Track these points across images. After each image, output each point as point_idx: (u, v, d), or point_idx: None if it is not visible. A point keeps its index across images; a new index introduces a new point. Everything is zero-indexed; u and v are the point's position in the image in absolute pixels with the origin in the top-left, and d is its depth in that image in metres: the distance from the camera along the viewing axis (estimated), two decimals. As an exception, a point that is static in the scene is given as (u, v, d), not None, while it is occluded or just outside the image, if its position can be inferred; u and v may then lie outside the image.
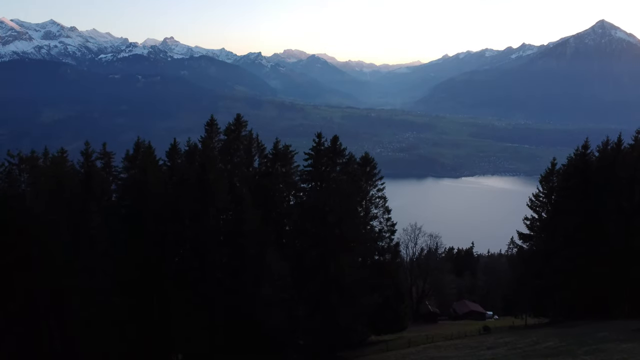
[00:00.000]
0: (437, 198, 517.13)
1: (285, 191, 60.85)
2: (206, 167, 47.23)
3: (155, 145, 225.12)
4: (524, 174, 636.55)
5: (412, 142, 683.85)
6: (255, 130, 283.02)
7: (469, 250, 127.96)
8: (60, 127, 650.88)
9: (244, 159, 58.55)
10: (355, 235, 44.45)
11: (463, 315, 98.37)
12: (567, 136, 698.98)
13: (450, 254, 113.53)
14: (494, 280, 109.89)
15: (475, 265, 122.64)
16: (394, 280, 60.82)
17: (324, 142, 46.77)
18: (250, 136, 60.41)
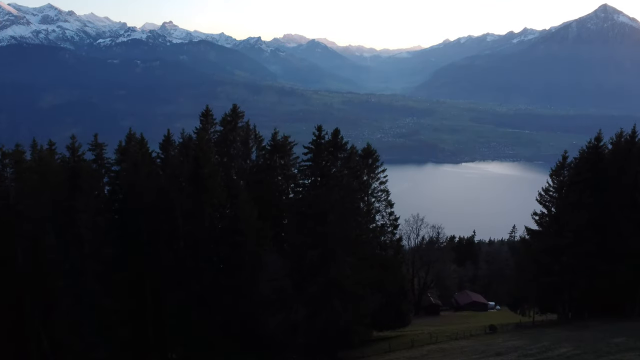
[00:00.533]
0: (437, 184, 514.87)
1: (284, 184, 58.46)
2: (200, 161, 44.64)
3: (155, 131, 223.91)
4: (524, 160, 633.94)
5: (413, 128, 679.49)
6: (255, 116, 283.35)
7: (470, 239, 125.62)
8: (59, 112, 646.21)
9: (241, 151, 56.01)
10: (358, 234, 42.02)
11: (465, 306, 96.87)
12: (568, 121, 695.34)
13: (451, 243, 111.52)
14: (496, 270, 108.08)
15: (477, 255, 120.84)
16: (397, 277, 58.69)
17: (325, 135, 44.08)
18: (247, 127, 57.67)
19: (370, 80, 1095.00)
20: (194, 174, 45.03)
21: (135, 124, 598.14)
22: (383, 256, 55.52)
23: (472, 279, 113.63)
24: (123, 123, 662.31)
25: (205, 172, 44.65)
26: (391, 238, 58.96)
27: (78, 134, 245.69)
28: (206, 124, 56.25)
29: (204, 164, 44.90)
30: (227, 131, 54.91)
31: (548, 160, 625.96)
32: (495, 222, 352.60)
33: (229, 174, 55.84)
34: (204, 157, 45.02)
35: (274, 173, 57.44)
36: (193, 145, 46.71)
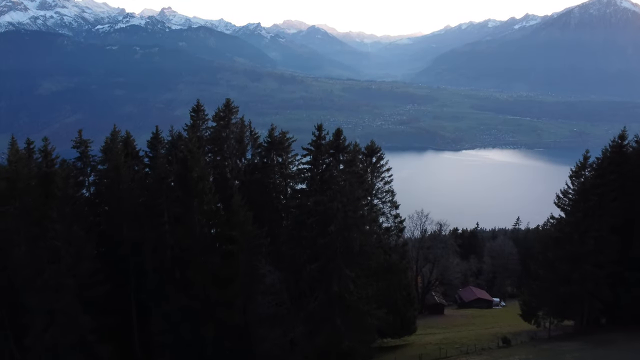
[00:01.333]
0: (437, 171, 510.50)
1: (282, 184, 54.37)
2: (189, 163, 40.31)
3: (154, 118, 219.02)
4: (524, 147, 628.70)
5: (413, 115, 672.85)
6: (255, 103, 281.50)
7: (473, 232, 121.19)
8: (58, 99, 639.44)
9: (235, 149, 51.74)
10: (361, 245, 37.88)
11: (469, 303, 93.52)
12: (570, 108, 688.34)
13: (454, 235, 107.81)
14: (500, 264, 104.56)
15: (482, 249, 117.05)
16: (403, 283, 54.76)
17: (325, 135, 39.69)
18: (242, 123, 53.32)
19: (371, 67, 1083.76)
20: (182, 178, 40.80)
21: (135, 111, 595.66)
22: (388, 262, 51.50)
23: (476, 273, 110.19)
24: (122, 110, 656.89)
25: (194, 175, 40.37)
26: (396, 241, 55.00)
27: (77, 122, 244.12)
28: (197, 120, 51.89)
29: (193, 166, 40.59)
30: (219, 128, 50.59)
31: (549, 147, 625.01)
32: (497, 211, 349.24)
33: (222, 173, 51.71)
34: (193, 158, 40.67)
35: (271, 172, 53.31)
36: (183, 144, 42.34)
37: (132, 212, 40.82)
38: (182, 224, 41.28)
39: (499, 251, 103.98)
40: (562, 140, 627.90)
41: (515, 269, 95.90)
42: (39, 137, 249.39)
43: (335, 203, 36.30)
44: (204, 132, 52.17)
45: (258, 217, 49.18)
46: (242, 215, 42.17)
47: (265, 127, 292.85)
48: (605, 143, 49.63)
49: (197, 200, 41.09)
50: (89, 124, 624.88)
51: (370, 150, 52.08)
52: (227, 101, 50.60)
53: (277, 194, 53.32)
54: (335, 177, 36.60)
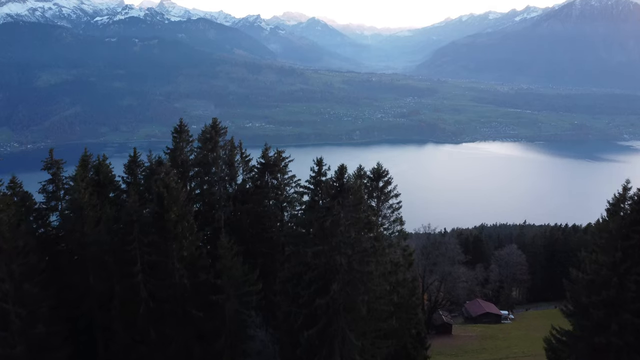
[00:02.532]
0: (437, 165, 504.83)
1: (278, 211, 47.87)
2: (165, 201, 33.71)
3: (154, 110, 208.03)
4: (525, 140, 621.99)
5: (413, 107, 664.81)
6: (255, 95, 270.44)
7: (478, 237, 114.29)
8: (57, 92, 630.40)
9: (224, 174, 45.21)
10: (370, 302, 31.49)
11: (477, 318, 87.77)
12: (570, 101, 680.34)
13: (458, 240, 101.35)
14: (508, 274, 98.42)
15: (488, 256, 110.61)
16: (413, 322, 48.35)
17: (326, 171, 33.11)
18: (231, 145, 47.01)
19: (371, 59, 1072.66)
20: (157, 218, 34.27)
21: (134, 103, 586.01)
22: (395, 303, 44.92)
23: (483, 283, 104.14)
24: (122, 103, 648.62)
25: (172, 216, 33.82)
26: (404, 276, 48.51)
27: (76, 114, 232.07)
28: (180, 141, 45.44)
29: (171, 205, 33.94)
30: (206, 152, 43.95)
31: (549, 140, 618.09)
32: (499, 206, 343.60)
33: (209, 202, 45.16)
34: (170, 196, 34.01)
35: (265, 198, 46.88)
36: (159, 178, 35.54)
37: (99, 258, 34.26)
38: (158, 273, 34.77)
39: (506, 260, 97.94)
40: (562, 133, 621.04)
41: (524, 279, 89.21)
42: (39, 129, 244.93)
43: (339, 256, 29.83)
44: (188, 154, 45.62)
45: (250, 251, 42.82)
46: (229, 260, 35.69)
47: (265, 120, 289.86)
48: (606, 136, 45.29)
49: (176, 245, 34.52)
50: (88, 117, 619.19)
51: (377, 174, 45.31)
52: (214, 121, 44.09)
53: (271, 223, 46.90)
54: (339, 224, 30.06)
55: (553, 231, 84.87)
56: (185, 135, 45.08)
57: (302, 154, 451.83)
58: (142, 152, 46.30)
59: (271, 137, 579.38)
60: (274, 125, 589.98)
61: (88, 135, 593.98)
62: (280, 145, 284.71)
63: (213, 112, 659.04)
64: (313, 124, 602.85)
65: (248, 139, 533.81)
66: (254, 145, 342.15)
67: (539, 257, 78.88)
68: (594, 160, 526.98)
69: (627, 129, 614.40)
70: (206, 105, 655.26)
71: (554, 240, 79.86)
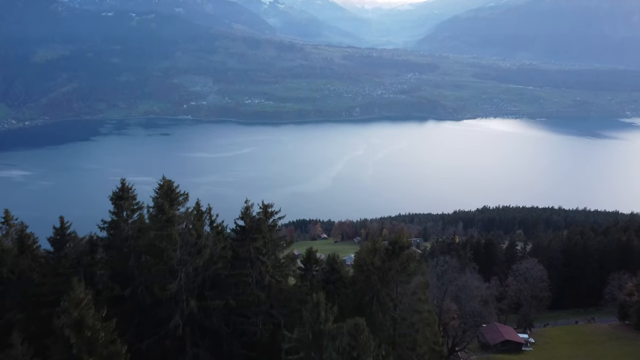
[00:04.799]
0: (438, 143, 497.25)
1: (265, 302, 33.19)
2: (73, 345, 20.60)
3: (152, 87, 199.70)
4: (526, 116, 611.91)
5: (414, 84, 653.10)
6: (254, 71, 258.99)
7: (490, 241, 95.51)
8: (54, 67, 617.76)
9: (186, 254, 30.55)
10: None
11: (495, 346, 71.33)
12: (573, 77, 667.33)
13: (469, 242, 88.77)
14: (527, 289, 80.00)
15: (501, 261, 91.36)
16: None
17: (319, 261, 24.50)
18: (197, 214, 32.80)
19: (372, 34, 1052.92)
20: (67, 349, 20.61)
21: (132, 79, 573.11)
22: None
23: (499, 298, 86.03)
24: (119, 78, 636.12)
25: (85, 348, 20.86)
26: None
27: (74, 90, 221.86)
28: (121, 211, 33.12)
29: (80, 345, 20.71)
30: (160, 227, 29.78)
31: (551, 117, 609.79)
32: (502, 187, 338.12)
33: (162, 304, 30.55)
34: (79, 339, 20.70)
35: (245, 285, 32.26)
36: (72, 301, 20.87)
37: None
38: None
39: (525, 275, 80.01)
40: (564, 109, 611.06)
41: (545, 297, 73.36)
42: (36, 106, 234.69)
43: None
44: (131, 229, 33.45)
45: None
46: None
47: (265, 96, 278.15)
48: (609, 113, 39.59)
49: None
50: (86, 93, 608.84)
51: (397, 246, 31.02)
52: (167, 185, 30.67)
53: (257, 318, 32.18)
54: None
55: (571, 235, 77.50)
56: (129, 202, 33.10)
57: (302, 131, 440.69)
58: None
59: (271, 114, 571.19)
60: (274, 102, 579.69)
61: (86, 112, 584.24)
62: (280, 122, 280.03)
63: (212, 88, 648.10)
64: (313, 100, 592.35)
65: (248, 116, 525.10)
66: (254, 122, 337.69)
67: (556, 262, 71.43)
68: (595, 138, 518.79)
69: (629, 106, 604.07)
70: (205, 81, 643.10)
71: (572, 244, 72.80)
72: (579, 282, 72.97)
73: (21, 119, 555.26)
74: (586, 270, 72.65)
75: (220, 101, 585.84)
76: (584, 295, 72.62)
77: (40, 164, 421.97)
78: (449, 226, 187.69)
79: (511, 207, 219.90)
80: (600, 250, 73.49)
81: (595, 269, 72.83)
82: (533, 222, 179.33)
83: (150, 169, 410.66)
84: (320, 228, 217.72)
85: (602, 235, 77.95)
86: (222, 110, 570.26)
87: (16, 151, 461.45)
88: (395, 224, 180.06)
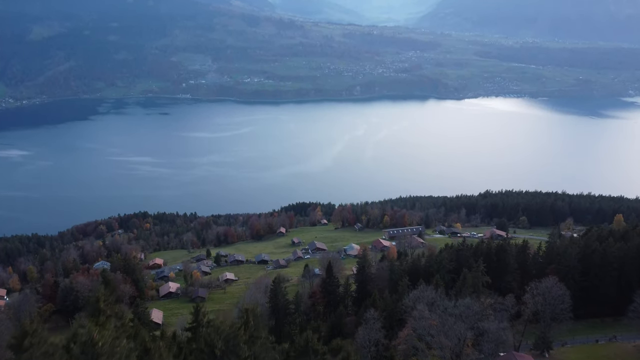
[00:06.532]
0: (439, 123, 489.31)
1: None
2: None
3: (149, 65, 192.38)
4: (528, 96, 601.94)
5: (415, 62, 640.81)
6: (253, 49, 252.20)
7: (501, 246, 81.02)
8: (50, 45, 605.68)
9: None
10: None
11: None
12: (576, 55, 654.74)
13: (479, 248, 77.79)
14: (547, 309, 66.34)
15: (513, 267, 77.56)
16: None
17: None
18: None
19: (372, 10, 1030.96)
20: None
21: (130, 57, 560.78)
22: None
23: (514, 316, 73.55)
24: (117, 57, 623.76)
25: None
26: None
27: (71, 69, 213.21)
28: None
29: None
30: None
31: (553, 96, 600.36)
32: (502, 169, 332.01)
33: None
34: None
35: None
36: None
37: None
38: None
39: (545, 295, 66.45)
40: (567, 88, 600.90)
41: (566, 318, 61.07)
42: (33, 85, 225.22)
43: None
44: None
45: None
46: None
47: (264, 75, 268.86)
48: (611, 92, 33.91)
49: None
50: (84, 71, 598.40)
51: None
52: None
53: None
54: None
55: (588, 241, 71.38)
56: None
57: (302, 110, 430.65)
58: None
59: (270, 93, 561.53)
60: (273, 81, 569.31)
61: (84, 90, 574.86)
62: (280, 101, 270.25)
63: (210, 66, 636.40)
64: (313, 79, 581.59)
65: (247, 95, 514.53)
66: (254, 101, 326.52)
67: (572, 271, 65.27)
68: (598, 117, 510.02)
69: (632, 85, 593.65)
70: (203, 60, 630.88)
71: (590, 251, 66.82)
72: (596, 291, 67.75)
73: (19, 98, 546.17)
74: (605, 280, 67.31)
75: (220, 80, 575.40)
76: (602, 306, 67.44)
77: (38, 144, 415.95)
78: (451, 213, 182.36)
79: (514, 191, 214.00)
80: (620, 257, 67.85)
81: (615, 278, 67.41)
82: (537, 208, 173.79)
83: (150, 149, 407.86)
84: (321, 212, 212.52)
85: (621, 240, 72.10)
86: (221, 89, 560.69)
87: (14, 130, 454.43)
88: (397, 210, 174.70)
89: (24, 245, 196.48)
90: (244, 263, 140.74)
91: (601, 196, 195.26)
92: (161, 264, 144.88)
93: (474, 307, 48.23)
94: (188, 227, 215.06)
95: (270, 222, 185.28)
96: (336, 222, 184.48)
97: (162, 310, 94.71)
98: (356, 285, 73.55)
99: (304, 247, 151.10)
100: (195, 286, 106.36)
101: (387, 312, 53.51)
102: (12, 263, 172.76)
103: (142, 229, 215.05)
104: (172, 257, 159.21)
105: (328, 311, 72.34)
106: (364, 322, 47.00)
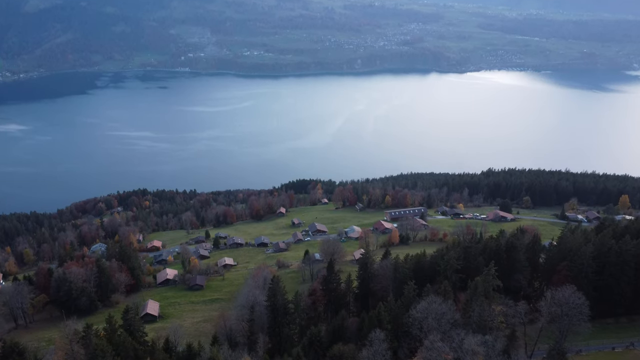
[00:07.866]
0: (442, 97, 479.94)
1: None
2: None
3: (148, 38, 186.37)
4: (531, 69, 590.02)
5: (417, 35, 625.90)
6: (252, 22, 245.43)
7: (511, 243, 74.38)
8: (47, 17, 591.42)
9: None
10: None
11: None
12: (580, 28, 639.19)
13: (488, 245, 71.43)
14: (563, 320, 57.59)
15: (523, 263, 72.83)
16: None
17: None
18: None
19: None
20: None
21: (128, 30, 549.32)
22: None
23: (527, 322, 64.53)
24: (115, 29, 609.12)
25: None
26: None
27: (68, 42, 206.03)
28: None
29: None
30: None
31: (557, 69, 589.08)
32: (503, 146, 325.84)
33: None
34: None
35: None
36: None
37: None
38: None
39: (561, 304, 58.36)
40: (570, 62, 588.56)
41: (584, 329, 54.34)
42: (30, 58, 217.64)
43: None
44: None
45: None
46: None
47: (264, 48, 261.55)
48: (616, 65, 30.37)
49: None
50: (81, 44, 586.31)
51: None
52: None
53: None
54: None
55: (604, 239, 66.83)
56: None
57: (302, 84, 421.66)
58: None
59: (270, 67, 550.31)
60: (273, 54, 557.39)
61: (81, 63, 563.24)
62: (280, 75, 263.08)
63: (209, 39, 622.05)
64: (313, 52, 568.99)
65: (247, 68, 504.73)
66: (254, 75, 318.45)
67: (586, 270, 61.12)
68: (601, 91, 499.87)
69: (636, 58, 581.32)
70: (202, 32, 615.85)
71: (606, 249, 62.61)
72: (611, 290, 64.06)
73: (16, 72, 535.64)
74: (621, 279, 63.56)
75: (219, 53, 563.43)
76: (617, 305, 63.93)
77: (37, 118, 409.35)
78: (453, 192, 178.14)
79: (517, 170, 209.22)
80: (637, 255, 63.89)
81: (631, 278, 63.66)
82: (541, 188, 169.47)
83: (149, 124, 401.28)
84: (321, 190, 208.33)
85: (638, 237, 67.95)
86: (220, 62, 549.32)
87: (12, 104, 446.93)
88: (399, 190, 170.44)
89: (22, 224, 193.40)
90: (243, 246, 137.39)
91: (605, 175, 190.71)
92: (159, 246, 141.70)
93: (497, 346, 44.19)
94: (187, 205, 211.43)
95: (270, 202, 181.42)
96: (337, 201, 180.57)
97: (158, 300, 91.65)
98: (358, 282, 69.95)
99: (304, 229, 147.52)
100: (193, 273, 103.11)
101: (392, 324, 49.59)
102: (10, 243, 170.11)
103: (141, 207, 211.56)
104: (171, 239, 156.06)
105: (329, 310, 68.93)
106: (369, 343, 43.16)
